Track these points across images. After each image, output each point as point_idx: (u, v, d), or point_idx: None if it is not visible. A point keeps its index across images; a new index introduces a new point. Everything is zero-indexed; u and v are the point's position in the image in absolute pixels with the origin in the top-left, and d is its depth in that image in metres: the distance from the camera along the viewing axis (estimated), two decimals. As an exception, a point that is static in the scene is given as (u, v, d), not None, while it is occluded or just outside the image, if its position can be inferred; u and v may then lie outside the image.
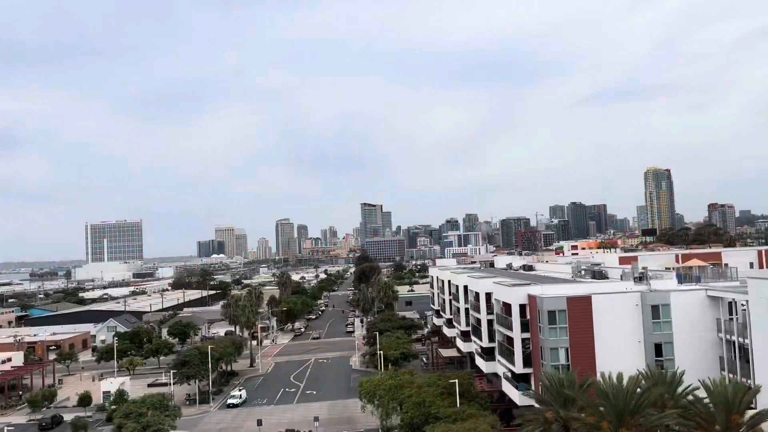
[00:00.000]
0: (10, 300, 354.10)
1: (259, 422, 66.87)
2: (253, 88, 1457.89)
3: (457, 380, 50.91)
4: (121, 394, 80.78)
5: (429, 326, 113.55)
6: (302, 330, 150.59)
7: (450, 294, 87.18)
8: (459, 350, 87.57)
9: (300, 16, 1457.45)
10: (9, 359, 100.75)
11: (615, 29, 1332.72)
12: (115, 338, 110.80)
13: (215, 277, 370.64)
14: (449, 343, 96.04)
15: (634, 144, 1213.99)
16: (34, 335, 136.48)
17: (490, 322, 62.54)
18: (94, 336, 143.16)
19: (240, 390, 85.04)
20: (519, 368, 50.09)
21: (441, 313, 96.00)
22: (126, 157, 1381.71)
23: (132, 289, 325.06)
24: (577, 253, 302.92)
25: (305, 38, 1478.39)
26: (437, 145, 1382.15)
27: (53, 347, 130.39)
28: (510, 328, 51.76)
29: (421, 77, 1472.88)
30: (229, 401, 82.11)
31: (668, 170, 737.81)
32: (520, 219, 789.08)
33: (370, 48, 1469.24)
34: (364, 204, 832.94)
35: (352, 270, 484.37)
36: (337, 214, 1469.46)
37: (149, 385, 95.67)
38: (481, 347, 64.71)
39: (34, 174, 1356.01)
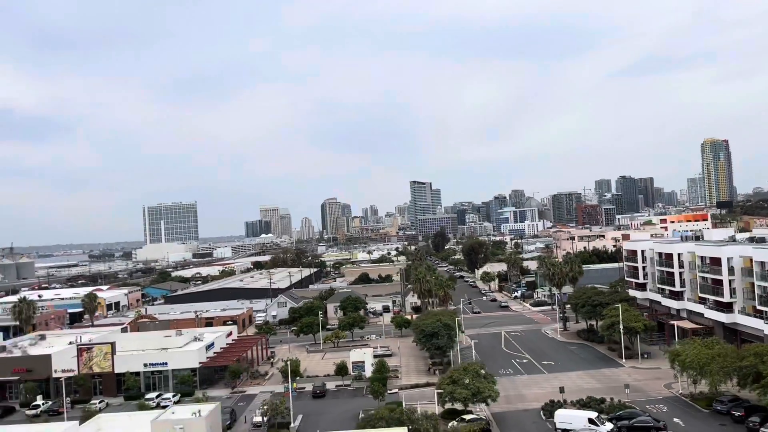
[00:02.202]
0: (99, 281, 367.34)
1: (562, 389, 69.88)
2: (287, 70, 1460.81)
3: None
4: (382, 364, 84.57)
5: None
6: (452, 305, 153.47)
7: (682, 267, 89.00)
8: (695, 322, 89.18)
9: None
10: (230, 333, 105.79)
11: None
12: (322, 313, 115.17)
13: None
14: (666, 314, 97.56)
15: (676, 115, 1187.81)
16: (206, 311, 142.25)
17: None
18: (256, 311, 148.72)
19: None
20: None
21: (660, 286, 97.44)
22: (167, 140, 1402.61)
23: (220, 268, 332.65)
24: (665, 227, 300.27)
25: (335, 19, 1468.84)
26: (474, 121, 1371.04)
27: (229, 322, 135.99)
28: None
29: (454, 53, 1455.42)
30: None
31: (726, 141, 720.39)
32: (571, 194, 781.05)
33: (404, 25, 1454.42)
34: (413, 182, 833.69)
35: (411, 248, 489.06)
36: (377, 192, 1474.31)
37: (374, 357, 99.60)
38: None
39: (78, 158, 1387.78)
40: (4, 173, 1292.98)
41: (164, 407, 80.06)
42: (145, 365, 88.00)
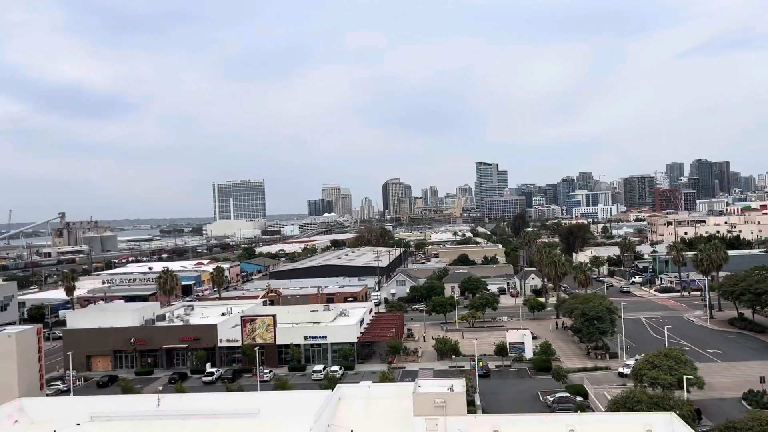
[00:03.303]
0: (184, 255, 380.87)
1: (762, 379, 67.36)
2: (349, 50, 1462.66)
3: None
4: (548, 346, 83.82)
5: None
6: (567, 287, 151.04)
7: None
8: None
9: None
10: (371, 309, 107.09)
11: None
12: (457, 292, 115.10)
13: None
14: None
15: (753, 96, 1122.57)
16: (324, 287, 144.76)
17: None
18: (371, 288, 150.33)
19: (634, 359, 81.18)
20: None
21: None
22: (229, 119, 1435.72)
23: (301, 246, 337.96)
24: (766, 213, 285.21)
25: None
26: (537, 103, 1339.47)
27: (350, 299, 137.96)
28: None
29: (517, 32, 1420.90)
30: (622, 370, 77.16)
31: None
32: (644, 177, 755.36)
33: (468, 4, 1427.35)
34: (480, 163, 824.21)
35: (479, 229, 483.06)
36: (436, 172, 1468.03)
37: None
38: None
39: (145, 136, 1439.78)
40: (75, 149, 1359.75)
41: (332, 379, 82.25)
42: (305, 338, 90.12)
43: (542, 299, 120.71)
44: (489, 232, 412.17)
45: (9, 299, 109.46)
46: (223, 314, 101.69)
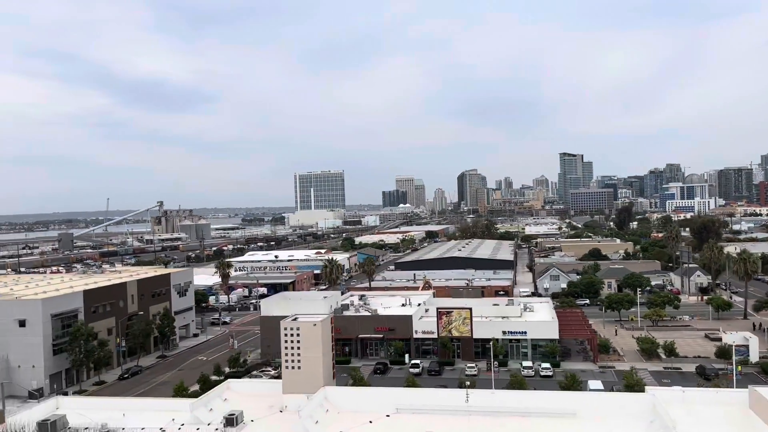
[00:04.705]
0: (281, 243, 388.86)
1: None
2: (421, 41, 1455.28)
3: None
4: (782, 351, 78.21)
5: None
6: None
7: None
8: None
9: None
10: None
11: None
12: (614, 288, 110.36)
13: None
14: None
15: None
16: (472, 280, 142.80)
17: None
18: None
19: None
20: None
21: None
22: (301, 111, 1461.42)
23: (400, 237, 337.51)
24: None
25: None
26: (612, 91, 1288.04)
27: (501, 292, 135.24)
28: None
29: (593, 18, 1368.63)
30: None
31: None
32: (740, 169, 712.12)
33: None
34: (564, 154, 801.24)
35: (570, 222, 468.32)
36: (508, 163, 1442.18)
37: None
38: None
39: (220, 128, 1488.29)
40: (155, 141, 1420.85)
41: (545, 377, 79.89)
42: (504, 332, 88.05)
43: (725, 298, 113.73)
44: (581, 226, 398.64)
45: (188, 285, 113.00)
46: (403, 305, 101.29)
